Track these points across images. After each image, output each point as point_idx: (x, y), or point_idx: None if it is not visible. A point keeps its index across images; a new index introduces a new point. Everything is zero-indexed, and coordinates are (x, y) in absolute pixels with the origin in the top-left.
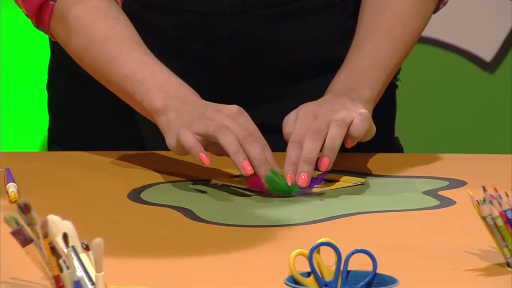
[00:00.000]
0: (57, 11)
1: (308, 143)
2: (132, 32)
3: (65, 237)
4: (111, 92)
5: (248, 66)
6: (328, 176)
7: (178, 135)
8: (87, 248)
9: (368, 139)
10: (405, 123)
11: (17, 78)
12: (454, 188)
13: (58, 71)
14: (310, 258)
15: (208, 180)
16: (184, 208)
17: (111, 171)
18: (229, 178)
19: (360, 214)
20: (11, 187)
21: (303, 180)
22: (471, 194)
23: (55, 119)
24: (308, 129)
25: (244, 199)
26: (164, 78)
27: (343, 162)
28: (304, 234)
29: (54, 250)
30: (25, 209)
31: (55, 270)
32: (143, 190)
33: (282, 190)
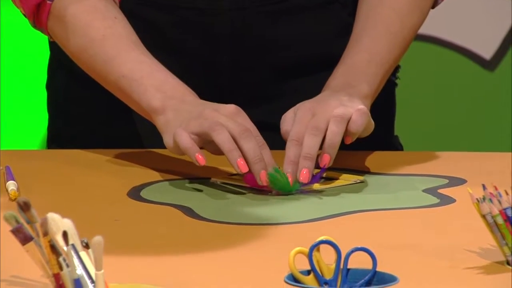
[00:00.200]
0: (54, 10)
1: (308, 139)
2: (130, 31)
3: (65, 235)
4: (109, 91)
5: (247, 64)
6: (327, 174)
7: (174, 136)
8: (87, 246)
9: (367, 135)
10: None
11: (17, 77)
12: (454, 186)
13: (57, 70)
14: (310, 256)
15: (208, 178)
16: (184, 206)
17: (110, 169)
18: (228, 176)
19: (360, 212)
20: (11, 185)
21: (304, 175)
22: (471, 192)
23: (54, 118)
24: (306, 126)
25: (244, 197)
26: (162, 78)
27: (342, 160)
28: (304, 232)
29: (54, 248)
30: (25, 207)
31: (55, 268)
32: (143, 188)
33: (283, 188)
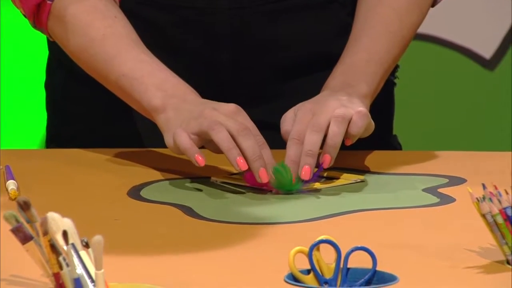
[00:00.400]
0: (54, 10)
1: (309, 136)
2: (130, 30)
3: (65, 234)
4: (109, 90)
5: (247, 63)
6: (328, 173)
7: (174, 136)
8: (87, 245)
9: (367, 135)
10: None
11: (16, 76)
12: (454, 185)
13: (56, 70)
14: (310, 256)
15: (208, 178)
16: (184, 205)
17: (110, 168)
18: (228, 176)
19: (360, 211)
20: (11, 184)
21: (305, 172)
22: (471, 191)
23: (53, 118)
24: (307, 126)
25: (244, 197)
26: (162, 77)
27: (342, 160)
28: (303, 232)
29: (54, 248)
30: (25, 206)
31: (55, 267)
32: (143, 188)
33: (285, 186)
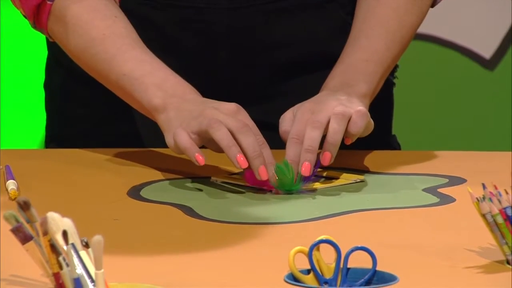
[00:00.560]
0: (55, 10)
1: (309, 131)
2: (130, 30)
3: (64, 234)
4: (108, 89)
5: (246, 63)
6: (327, 173)
7: (174, 135)
8: (86, 245)
9: (367, 134)
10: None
11: (16, 76)
12: (454, 185)
13: (55, 69)
14: (310, 256)
15: (208, 178)
16: (184, 205)
17: (110, 168)
18: (228, 176)
19: (360, 211)
20: (11, 184)
21: (306, 168)
22: (471, 191)
23: (52, 118)
24: (306, 124)
25: (244, 197)
26: (162, 76)
27: (341, 160)
28: (303, 232)
29: (53, 248)
30: (24, 206)
31: (55, 267)
32: (143, 188)
33: (286, 185)
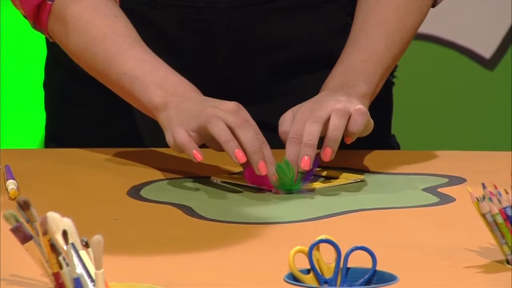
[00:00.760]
0: (55, 10)
1: (309, 126)
2: (131, 29)
3: (64, 234)
4: (108, 89)
5: (246, 62)
6: (327, 173)
7: (172, 133)
8: (86, 245)
9: (367, 134)
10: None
11: (16, 76)
12: (454, 185)
13: (54, 69)
14: (309, 255)
15: (208, 177)
16: (184, 205)
17: (110, 168)
18: (228, 175)
19: (360, 211)
20: (11, 184)
21: (305, 162)
22: (471, 191)
23: (52, 117)
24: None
25: (244, 197)
26: (163, 75)
27: (341, 159)
28: (303, 231)
29: (53, 247)
30: (24, 206)
31: (55, 267)
32: (143, 187)
33: (286, 185)
